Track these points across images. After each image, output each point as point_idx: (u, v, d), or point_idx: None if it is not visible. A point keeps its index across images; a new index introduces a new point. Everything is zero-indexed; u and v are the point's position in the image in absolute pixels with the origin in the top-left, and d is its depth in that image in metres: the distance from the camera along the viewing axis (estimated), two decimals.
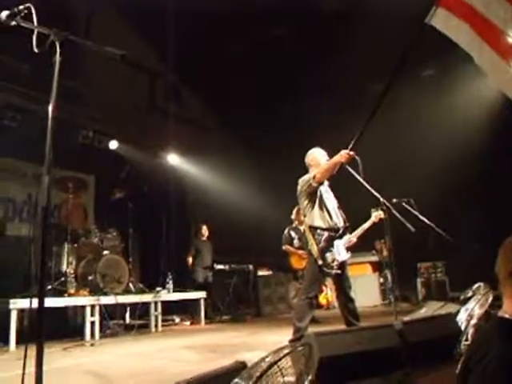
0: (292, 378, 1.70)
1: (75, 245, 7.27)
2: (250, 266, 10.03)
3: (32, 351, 2.05)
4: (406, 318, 4.49)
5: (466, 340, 3.83)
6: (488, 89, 8.08)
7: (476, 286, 4.56)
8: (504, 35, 3.51)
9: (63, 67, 2.27)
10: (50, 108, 2.23)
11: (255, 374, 1.47)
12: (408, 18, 4.89)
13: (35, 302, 2.07)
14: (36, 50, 2.25)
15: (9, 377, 3.88)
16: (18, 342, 5.59)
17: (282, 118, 10.38)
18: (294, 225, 8.02)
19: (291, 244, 7.93)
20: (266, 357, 1.61)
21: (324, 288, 9.29)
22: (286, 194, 6.27)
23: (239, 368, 2.12)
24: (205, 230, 9.73)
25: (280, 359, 1.54)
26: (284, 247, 8.02)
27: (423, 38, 3.94)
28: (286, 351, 1.60)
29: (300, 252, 7.55)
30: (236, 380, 1.48)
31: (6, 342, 5.62)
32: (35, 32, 2.26)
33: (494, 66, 3.59)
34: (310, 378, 1.76)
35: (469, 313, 4.06)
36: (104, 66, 8.34)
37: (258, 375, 1.46)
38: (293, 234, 7.96)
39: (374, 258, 10.59)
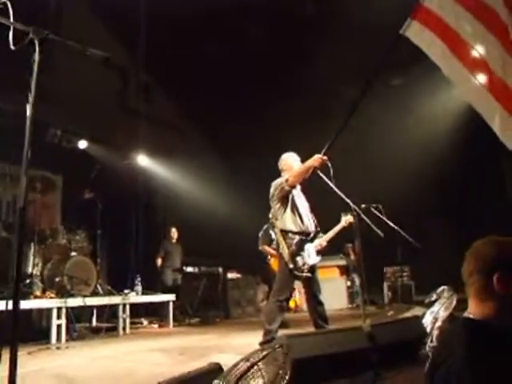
0: (269, 380, 1.73)
1: (42, 246, 7.12)
2: (220, 269, 10.04)
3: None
4: (375, 321, 4.57)
5: (432, 342, 3.94)
6: (455, 99, 8.32)
7: (440, 289, 4.68)
8: (471, 49, 3.67)
9: (30, 64, 2.24)
10: (29, 107, 2.20)
11: (235, 375, 1.50)
12: (381, 27, 5.01)
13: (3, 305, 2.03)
14: (13, 48, 2.22)
15: None
16: None
17: (252, 120, 10.41)
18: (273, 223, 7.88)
19: (269, 244, 7.29)
20: (245, 358, 1.64)
21: (292, 291, 9.36)
22: (256, 196, 6.31)
23: (215, 369, 2.13)
24: (174, 233, 9.69)
25: (260, 360, 1.57)
26: (261, 247, 7.47)
27: (397, 49, 4.05)
28: (264, 353, 1.63)
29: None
30: (216, 381, 1.50)
31: None
32: (11, 29, 2.23)
33: (462, 77, 3.74)
34: (286, 378, 1.80)
35: (434, 315, 4.17)
36: (73, 64, 8.22)
37: (238, 376, 1.48)
38: (272, 233, 7.05)
39: (342, 262, 10.73)
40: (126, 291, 7.83)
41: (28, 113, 2.13)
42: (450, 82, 3.92)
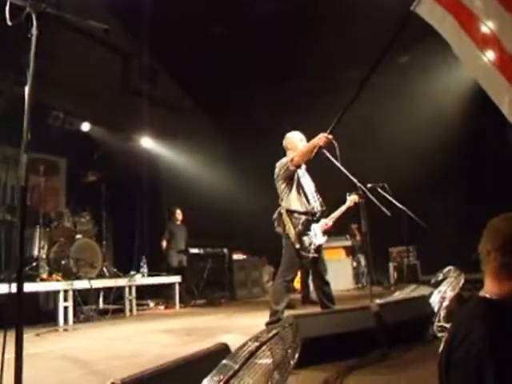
0: (278, 360, 1.70)
1: (47, 229, 7.12)
2: (225, 250, 10.03)
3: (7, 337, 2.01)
4: (382, 301, 4.56)
5: (439, 321, 3.94)
6: (463, 77, 8.19)
7: (447, 269, 4.66)
8: (482, 25, 3.56)
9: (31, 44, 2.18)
10: (27, 88, 2.14)
11: (244, 354, 1.47)
12: (387, 5, 4.90)
13: (5, 287, 2.02)
14: (9, 23, 2.15)
15: None
16: None
17: (255, 101, 10.32)
18: None
19: None
20: (253, 338, 1.61)
21: (299, 272, 9.37)
22: (260, 177, 6.27)
23: (222, 349, 2.11)
24: (179, 214, 9.68)
25: (269, 340, 1.54)
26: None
27: (407, 26, 3.96)
28: (274, 332, 1.60)
29: None
30: (224, 361, 1.48)
31: None
32: (8, 2, 2.15)
33: (471, 55, 3.64)
34: (295, 357, 1.77)
35: (441, 295, 4.16)
36: (76, 46, 8.14)
37: (247, 356, 1.46)
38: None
39: (348, 243, 10.70)
40: (131, 273, 7.86)
41: (26, 91, 2.07)
42: (459, 59, 3.83)
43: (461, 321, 1.61)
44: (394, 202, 5.56)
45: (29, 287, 6.01)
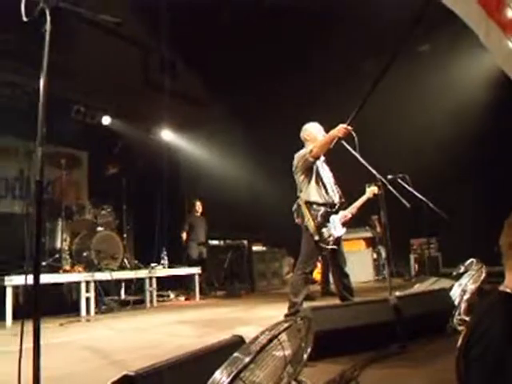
0: (291, 353, 1.70)
1: (69, 221, 7.24)
2: (245, 242, 10.05)
3: (28, 327, 2.04)
4: (401, 293, 4.52)
5: (459, 315, 3.88)
6: (486, 65, 8.00)
7: (468, 261, 4.58)
8: (508, 10, 3.45)
9: (53, 40, 2.19)
10: (42, 82, 2.15)
11: (255, 347, 1.47)
12: None
13: (30, 279, 2.05)
14: (25, 19, 2.16)
15: (6, 352, 3.89)
16: (14, 318, 5.60)
17: (277, 92, 10.25)
18: None
19: None
20: (265, 331, 1.60)
21: (318, 263, 9.35)
22: (280, 168, 6.24)
23: (237, 342, 2.12)
24: (199, 206, 9.73)
25: (280, 333, 1.53)
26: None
27: (427, 13, 3.87)
28: (285, 325, 1.59)
29: None
30: (236, 354, 1.47)
31: (2, 317, 5.64)
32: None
33: (498, 42, 3.52)
34: (308, 351, 1.76)
35: (462, 288, 4.09)
36: (96, 40, 8.19)
37: (257, 349, 1.45)
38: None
39: (368, 234, 10.62)
40: (152, 265, 7.93)
41: (41, 86, 2.08)
42: (483, 47, 3.72)
43: (480, 316, 1.58)
44: (415, 193, 5.50)
45: (52, 278, 6.15)
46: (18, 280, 5.74)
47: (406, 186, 5.47)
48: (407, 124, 9.05)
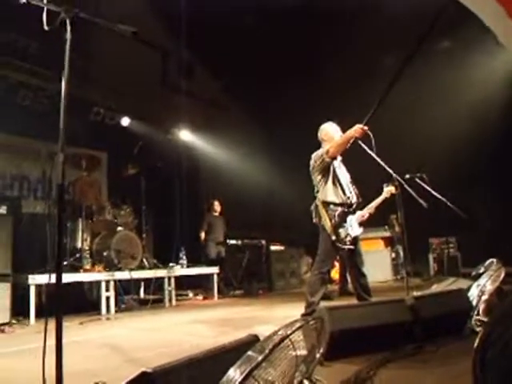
0: (304, 352, 1.73)
1: (89, 221, 7.33)
2: (263, 241, 10.07)
3: (51, 325, 2.11)
4: (418, 293, 4.51)
5: (477, 315, 3.85)
6: (505, 63, 7.91)
7: (488, 262, 4.55)
8: None
9: (74, 45, 2.27)
10: (63, 85, 2.23)
11: (267, 346, 1.51)
12: None
13: (53, 278, 2.12)
14: (46, 28, 2.25)
15: (29, 349, 4.00)
16: (37, 316, 5.73)
17: (294, 93, 10.27)
18: None
19: None
20: (279, 330, 1.64)
21: (336, 263, 9.34)
22: (298, 168, 6.26)
23: (252, 341, 2.15)
24: (217, 206, 9.79)
25: (292, 333, 1.57)
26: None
27: (446, 10, 3.86)
28: (298, 325, 1.63)
29: None
30: (249, 353, 1.52)
31: (26, 315, 5.78)
32: (45, 9, 2.26)
33: None
34: (321, 351, 1.79)
35: (480, 289, 4.06)
36: (115, 43, 8.28)
37: (270, 348, 1.49)
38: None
39: (386, 234, 10.57)
40: (171, 264, 8.01)
41: (63, 91, 2.16)
42: (502, 45, 3.70)
43: (497, 317, 1.58)
44: (433, 192, 5.47)
45: (73, 277, 6.28)
46: (40, 279, 5.88)
47: (424, 185, 5.44)
48: (425, 122, 8.99)
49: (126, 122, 9.52)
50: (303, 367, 1.69)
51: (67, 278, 6.03)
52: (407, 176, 5.29)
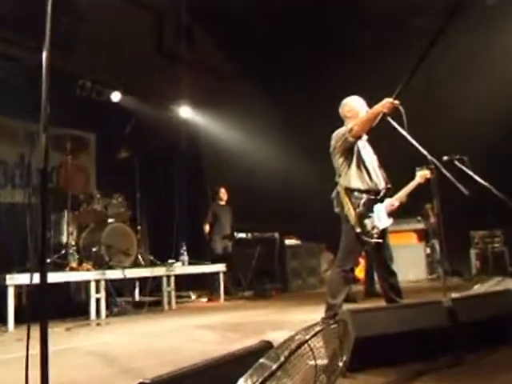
0: (324, 361, 1.75)
1: (76, 212, 7.41)
2: (276, 235, 10.11)
3: (33, 331, 2.15)
4: (457, 295, 4.51)
5: None
6: None
7: None
8: None
9: (55, 7, 2.27)
10: (44, 54, 2.23)
11: (283, 354, 1.53)
12: None
13: (35, 277, 2.14)
14: None
15: (9, 359, 4.07)
16: (16, 321, 5.81)
17: (311, 61, 10.19)
18: None
19: None
20: (296, 335, 1.66)
21: (361, 260, 9.34)
22: (317, 150, 6.25)
23: (265, 348, 2.17)
24: (223, 193, 9.80)
25: (311, 337, 1.59)
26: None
27: None
28: (317, 329, 1.65)
29: None
30: (262, 360, 1.54)
31: (3, 321, 5.84)
32: None
33: None
34: (344, 359, 1.81)
35: None
36: (103, 4, 8.28)
37: (285, 355, 1.51)
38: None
39: (420, 226, 10.56)
40: (170, 261, 8.08)
41: (44, 60, 2.16)
42: None
43: None
44: (476, 177, 5.44)
45: (57, 277, 6.34)
46: (20, 279, 5.94)
47: (465, 169, 5.40)
48: (466, 95, 8.89)
49: (116, 97, 9.53)
50: (323, 378, 1.71)
51: (51, 277, 6.08)
52: (445, 158, 5.25)
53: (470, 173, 5.33)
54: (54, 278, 6.23)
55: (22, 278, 5.94)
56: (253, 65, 10.63)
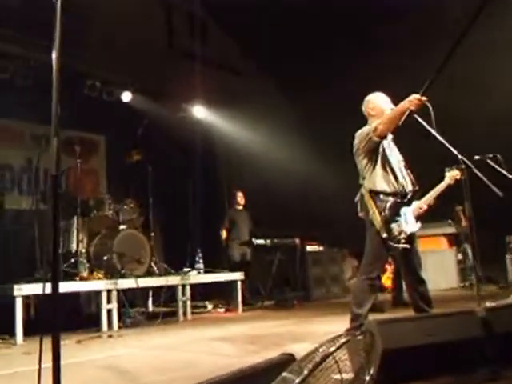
0: (350, 375, 1.76)
1: (86, 219, 7.44)
2: (297, 240, 10.09)
3: (43, 344, 2.18)
4: (492, 304, 4.47)
5: None
6: None
7: None
8: None
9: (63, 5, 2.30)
10: (54, 54, 2.26)
11: (306, 367, 1.53)
12: None
13: (43, 288, 2.16)
14: None
15: (21, 373, 4.12)
16: (25, 334, 5.86)
17: (333, 55, 10.16)
18: None
19: None
20: (320, 347, 1.67)
21: (388, 267, 9.30)
22: (340, 151, 6.24)
23: (287, 361, 2.18)
24: (240, 198, 9.81)
25: (336, 350, 1.59)
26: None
27: None
28: (342, 340, 1.65)
29: None
30: (284, 374, 1.55)
31: (12, 333, 5.90)
32: None
33: None
34: (371, 373, 1.81)
35: None
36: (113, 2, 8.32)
37: (309, 368, 1.51)
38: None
39: (451, 230, 10.49)
40: (185, 270, 8.10)
41: (54, 60, 2.19)
42: None
43: None
44: (511, 177, 5.39)
45: (67, 287, 6.38)
46: (28, 289, 5.99)
47: (499, 168, 5.37)
48: (498, 89, 8.81)
49: (127, 97, 9.58)
50: None
51: (61, 287, 6.10)
52: (476, 157, 5.22)
53: (505, 172, 5.29)
54: (63, 287, 6.24)
55: (31, 289, 5.99)
56: (269, 61, 10.63)
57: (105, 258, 7.20)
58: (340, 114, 8.27)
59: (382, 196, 4.73)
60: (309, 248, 10.17)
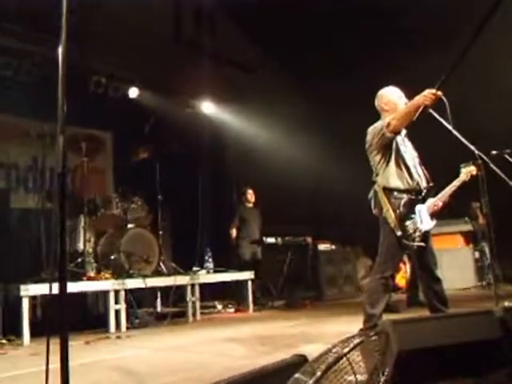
0: (364, 376, 1.76)
1: (93, 218, 7.47)
2: (308, 239, 10.10)
3: (51, 345, 2.19)
4: (510, 304, 4.45)
5: None
6: None
7: None
8: None
9: None
10: (60, 50, 2.27)
11: (319, 368, 1.54)
12: None
13: (53, 288, 2.18)
14: None
15: (28, 374, 4.16)
16: (32, 335, 5.91)
17: (344, 49, 10.14)
18: None
19: None
20: (333, 348, 1.67)
21: (403, 266, 9.28)
22: (352, 147, 6.23)
23: (300, 362, 2.19)
24: (251, 195, 9.81)
25: (350, 351, 1.60)
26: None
27: None
28: (356, 341, 1.66)
29: None
30: (297, 375, 1.55)
31: (18, 334, 5.96)
32: None
33: None
34: (385, 375, 1.81)
35: None
36: None
37: (322, 370, 1.52)
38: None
39: (467, 227, 10.44)
40: (194, 269, 8.13)
41: (60, 57, 2.20)
42: None
43: None
44: None
45: (74, 287, 6.40)
46: (35, 289, 6.03)
47: None
48: None
49: (133, 93, 9.59)
50: None
51: (68, 287, 6.15)
52: (493, 152, 5.20)
53: None
54: (70, 287, 6.25)
55: (38, 289, 6.03)
56: (280, 55, 10.60)
57: (112, 257, 7.23)
58: (351, 109, 8.25)
59: (396, 193, 4.72)
60: (321, 247, 10.16)
